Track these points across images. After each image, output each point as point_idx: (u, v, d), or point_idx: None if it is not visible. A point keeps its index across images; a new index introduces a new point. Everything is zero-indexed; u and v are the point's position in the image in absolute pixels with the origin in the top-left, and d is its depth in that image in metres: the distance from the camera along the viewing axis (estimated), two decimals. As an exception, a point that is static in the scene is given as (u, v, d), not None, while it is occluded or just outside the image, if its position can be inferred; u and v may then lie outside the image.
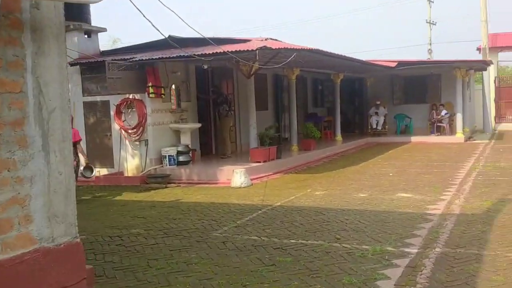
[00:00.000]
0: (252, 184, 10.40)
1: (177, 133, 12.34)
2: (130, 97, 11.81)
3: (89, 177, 10.27)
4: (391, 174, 11.09)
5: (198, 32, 7.66)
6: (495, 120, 24.87)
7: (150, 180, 11.11)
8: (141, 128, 11.80)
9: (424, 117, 20.72)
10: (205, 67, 11.13)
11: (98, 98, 12.35)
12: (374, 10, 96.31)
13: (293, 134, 15.02)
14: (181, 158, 11.91)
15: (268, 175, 11.53)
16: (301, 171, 12.23)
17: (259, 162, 11.81)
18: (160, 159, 11.80)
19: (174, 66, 12.33)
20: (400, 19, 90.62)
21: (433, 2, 39.37)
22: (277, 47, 10.25)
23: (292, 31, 70.88)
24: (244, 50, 10.20)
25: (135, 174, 11.85)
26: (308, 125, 14.86)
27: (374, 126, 20.66)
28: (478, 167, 11.64)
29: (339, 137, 18.46)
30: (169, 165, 11.64)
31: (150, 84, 11.40)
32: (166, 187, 10.70)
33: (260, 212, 7.77)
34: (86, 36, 12.76)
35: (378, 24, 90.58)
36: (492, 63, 19.98)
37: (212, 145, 14.32)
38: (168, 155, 11.63)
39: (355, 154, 15.72)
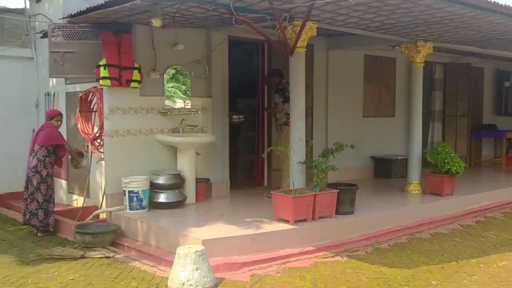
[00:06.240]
0: (216, 285, 4.62)
1: (175, 150, 7.13)
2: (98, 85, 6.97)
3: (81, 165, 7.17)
4: None
5: None
6: None
7: (77, 236, 6.19)
8: (101, 138, 6.95)
9: None
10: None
11: (78, 87, 7.89)
12: None
13: (413, 163, 8.25)
14: (161, 197, 6.68)
15: (298, 253, 5.50)
16: (382, 252, 5.79)
17: (287, 221, 5.83)
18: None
19: (177, 36, 7.08)
20: None
21: None
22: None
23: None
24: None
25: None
26: (441, 147, 7.90)
27: None
28: None
29: (528, 168, 10.68)
30: (130, 209, 6.51)
31: (103, 61, 6.41)
32: (82, 257, 5.64)
33: None
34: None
35: None
36: None
37: (264, 172, 8.60)
38: (129, 191, 6.49)
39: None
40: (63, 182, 8.27)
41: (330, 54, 9.17)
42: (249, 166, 8.77)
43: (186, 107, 7.44)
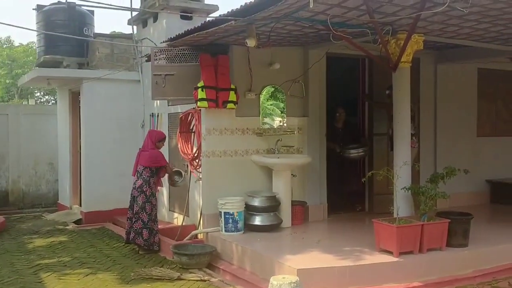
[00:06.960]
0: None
1: (270, 172, 6.97)
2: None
3: (178, 183, 7.23)
4: None
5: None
6: None
7: (174, 256, 6.21)
8: (199, 158, 6.99)
9: None
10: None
11: (179, 109, 8.09)
12: None
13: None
14: (256, 220, 6.52)
15: (403, 288, 5.01)
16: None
17: (391, 253, 5.33)
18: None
19: (273, 55, 6.94)
20: None
21: None
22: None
23: None
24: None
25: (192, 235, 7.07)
26: None
27: None
28: None
29: None
30: (225, 231, 6.42)
31: (201, 83, 6.45)
32: (179, 278, 5.62)
33: None
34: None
35: None
36: None
37: (365, 195, 8.11)
38: (225, 212, 6.42)
39: None
40: (165, 200, 8.47)
41: (438, 68, 8.49)
42: (349, 190, 8.31)
43: (282, 127, 7.25)
